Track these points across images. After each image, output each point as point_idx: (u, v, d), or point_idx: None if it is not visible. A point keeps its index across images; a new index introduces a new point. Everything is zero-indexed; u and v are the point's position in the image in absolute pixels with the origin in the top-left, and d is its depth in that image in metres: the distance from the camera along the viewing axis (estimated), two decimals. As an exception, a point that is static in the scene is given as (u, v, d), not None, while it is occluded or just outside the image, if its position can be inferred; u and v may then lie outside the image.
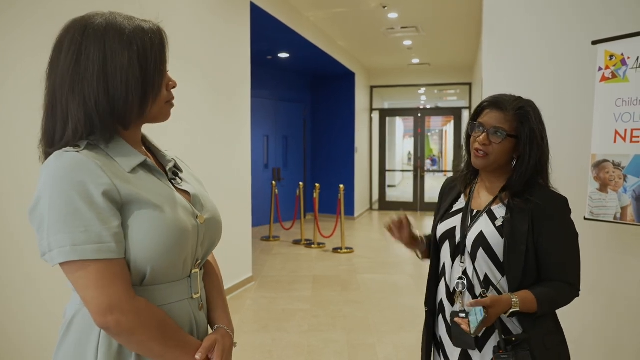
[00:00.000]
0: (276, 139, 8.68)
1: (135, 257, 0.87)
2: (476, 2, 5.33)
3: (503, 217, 1.35)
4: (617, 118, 2.24)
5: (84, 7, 2.72)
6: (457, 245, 1.41)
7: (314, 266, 5.66)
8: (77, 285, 0.85)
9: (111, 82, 0.88)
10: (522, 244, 1.30)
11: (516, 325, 1.32)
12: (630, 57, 2.21)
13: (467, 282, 1.37)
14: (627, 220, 2.19)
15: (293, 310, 4.06)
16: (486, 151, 1.37)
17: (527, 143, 1.36)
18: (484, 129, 1.37)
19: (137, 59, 0.89)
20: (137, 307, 0.85)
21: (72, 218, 0.81)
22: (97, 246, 0.82)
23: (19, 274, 2.30)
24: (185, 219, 0.94)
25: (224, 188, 4.28)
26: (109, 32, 0.90)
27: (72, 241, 0.81)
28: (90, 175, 0.83)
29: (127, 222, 0.87)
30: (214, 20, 4.12)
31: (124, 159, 0.91)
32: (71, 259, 0.82)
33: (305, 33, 6.19)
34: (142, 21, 0.95)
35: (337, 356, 3.17)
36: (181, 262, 0.94)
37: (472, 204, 1.45)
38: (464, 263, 1.39)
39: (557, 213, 1.35)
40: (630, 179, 2.17)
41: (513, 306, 1.26)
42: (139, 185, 0.90)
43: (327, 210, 8.77)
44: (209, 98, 4.09)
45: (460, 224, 1.42)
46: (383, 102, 12.49)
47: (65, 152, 0.85)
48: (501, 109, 1.37)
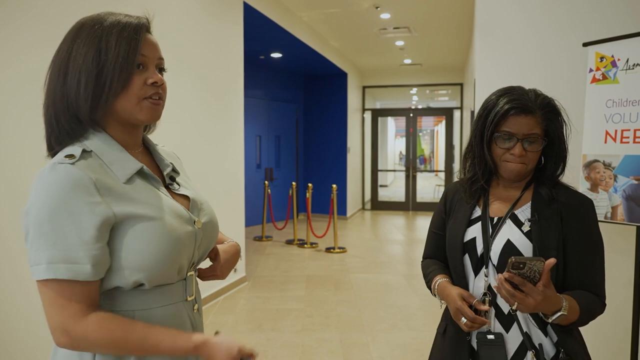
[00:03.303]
0: (269, 139, 8.67)
1: (129, 267, 0.87)
2: (468, 3, 5.37)
3: (529, 219, 1.22)
4: (608, 119, 2.28)
5: (76, 7, 2.71)
6: (480, 257, 1.25)
7: (306, 266, 5.67)
8: (42, 299, 0.85)
9: (69, 78, 0.89)
10: (552, 248, 1.17)
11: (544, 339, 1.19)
12: (620, 58, 2.24)
13: (493, 298, 1.22)
14: (617, 220, 2.22)
15: (287, 310, 4.07)
16: (523, 162, 1.22)
17: (560, 139, 1.24)
18: (517, 139, 1.20)
19: (96, 53, 0.88)
20: (83, 331, 0.84)
21: (54, 236, 0.81)
22: (73, 266, 0.82)
23: (11, 276, 2.29)
24: (179, 228, 0.93)
25: (217, 188, 4.28)
26: (82, 30, 0.91)
27: (49, 259, 0.82)
28: (83, 194, 0.83)
29: (121, 237, 0.87)
30: (207, 20, 4.12)
31: (120, 166, 0.91)
32: (46, 277, 0.82)
33: (298, 33, 6.20)
34: (125, 16, 0.93)
35: (331, 355, 3.18)
36: (176, 268, 0.94)
37: (489, 212, 1.29)
38: (488, 277, 1.23)
39: (588, 216, 1.23)
40: (621, 179, 2.21)
41: (562, 309, 1.10)
42: (134, 198, 0.89)
43: (320, 210, 8.79)
44: (202, 98, 4.08)
45: (481, 234, 1.26)
46: (375, 102, 12.53)
47: (59, 164, 0.84)
48: (530, 112, 1.21)
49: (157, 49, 0.96)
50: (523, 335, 1.19)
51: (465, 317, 1.19)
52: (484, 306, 1.20)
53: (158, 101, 0.94)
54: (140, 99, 0.91)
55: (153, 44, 0.95)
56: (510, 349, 1.20)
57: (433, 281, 1.35)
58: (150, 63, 0.94)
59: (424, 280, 1.44)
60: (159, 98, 0.94)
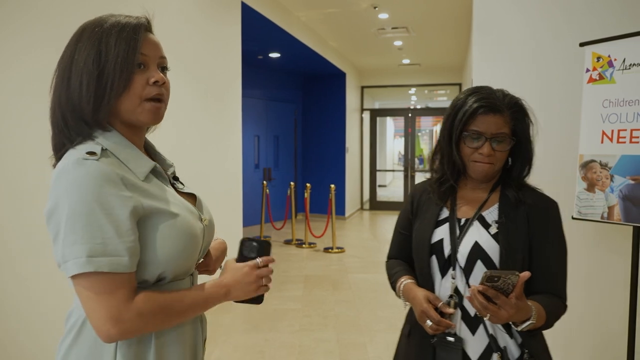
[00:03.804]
0: (267, 139, 8.67)
1: (155, 261, 0.89)
2: (466, 3, 5.37)
3: (497, 221, 1.22)
4: (604, 119, 2.28)
5: (76, 7, 2.71)
6: (447, 259, 1.24)
7: (305, 266, 5.67)
8: (82, 296, 0.84)
9: (72, 81, 0.90)
10: (519, 250, 1.18)
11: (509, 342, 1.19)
12: (617, 58, 2.24)
13: (459, 301, 1.21)
14: (614, 220, 2.22)
15: (284, 310, 4.07)
16: (491, 161, 1.21)
17: (527, 139, 1.24)
18: (485, 139, 1.20)
19: (96, 55, 0.89)
20: (136, 309, 0.85)
21: (91, 229, 0.81)
22: (113, 259, 0.82)
23: (9, 275, 2.29)
24: (194, 223, 0.97)
25: (215, 188, 4.27)
26: (84, 33, 0.92)
27: (88, 252, 0.81)
28: (114, 188, 0.84)
29: (147, 231, 0.89)
30: (205, 21, 4.11)
31: (136, 164, 0.92)
32: (86, 270, 0.81)
33: (297, 33, 6.20)
34: (125, 17, 0.94)
35: (329, 355, 3.18)
36: (192, 263, 0.98)
37: (457, 213, 1.28)
38: (455, 279, 1.22)
39: (554, 219, 1.23)
40: (617, 179, 2.21)
41: (532, 318, 1.09)
42: (155, 195, 0.92)
43: (318, 210, 8.79)
44: (200, 98, 4.07)
45: (448, 236, 1.25)
46: (374, 102, 12.53)
47: (85, 160, 0.84)
48: (498, 111, 1.21)
49: (159, 47, 0.96)
50: (489, 337, 1.19)
51: (431, 320, 1.18)
52: (450, 309, 1.20)
53: (159, 104, 0.94)
54: (142, 100, 0.92)
55: (154, 42, 0.95)
56: (476, 351, 1.20)
57: (398, 282, 1.33)
58: (152, 62, 0.94)
59: (389, 281, 1.41)
60: (160, 100, 0.94)
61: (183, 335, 0.97)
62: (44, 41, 2.45)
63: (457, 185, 1.31)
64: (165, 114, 1.00)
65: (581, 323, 2.67)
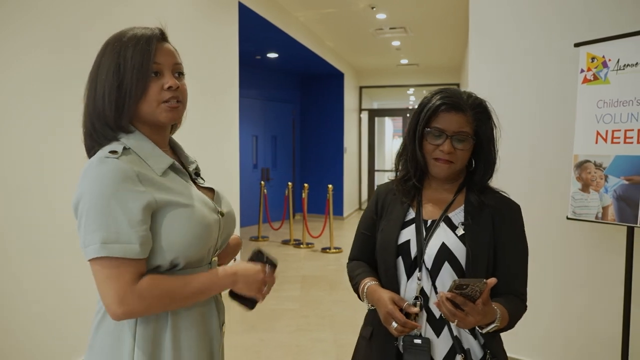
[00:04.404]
0: (265, 139, 8.67)
1: (167, 248, 0.98)
2: (463, 3, 5.38)
3: (463, 223, 1.22)
4: (599, 119, 2.29)
5: (76, 7, 2.70)
6: (414, 260, 1.23)
7: (302, 266, 5.67)
8: (97, 279, 0.95)
9: (97, 91, 1.01)
10: (484, 252, 1.19)
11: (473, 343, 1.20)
12: (611, 59, 2.25)
13: (424, 302, 1.21)
14: (608, 220, 2.23)
15: (282, 310, 4.07)
16: (451, 159, 1.22)
17: (490, 141, 1.24)
18: (446, 136, 1.21)
19: (116, 67, 1.00)
20: (138, 291, 0.94)
21: (107, 220, 0.92)
22: (125, 246, 0.93)
23: (6, 275, 2.29)
24: (208, 215, 1.05)
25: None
26: (108, 45, 1.03)
27: (103, 239, 0.92)
28: (129, 184, 0.95)
29: (161, 221, 0.98)
30: (202, 20, 4.12)
31: (155, 161, 1.03)
32: (101, 255, 0.92)
33: (294, 33, 6.20)
34: (141, 29, 1.04)
35: (325, 356, 3.18)
36: (206, 251, 1.06)
37: (423, 214, 1.28)
38: (420, 280, 1.21)
39: (517, 222, 1.25)
40: (611, 179, 2.22)
41: (497, 321, 1.12)
42: (170, 188, 1.01)
43: (317, 210, 8.79)
44: (197, 98, 4.07)
45: (415, 237, 1.24)
46: (372, 102, 12.54)
47: (107, 158, 0.96)
48: (461, 109, 1.21)
49: (173, 55, 1.06)
50: (453, 339, 1.19)
51: (396, 322, 1.17)
52: (415, 308, 1.20)
53: (177, 104, 1.05)
54: (159, 103, 1.02)
55: (168, 51, 1.05)
56: (440, 352, 1.20)
57: (361, 284, 1.31)
58: (166, 69, 1.04)
59: (350, 283, 1.40)
60: (177, 101, 1.05)
61: (198, 316, 1.06)
62: (44, 41, 2.45)
63: (420, 185, 1.31)
64: None
65: (576, 322, 2.68)
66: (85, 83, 1.06)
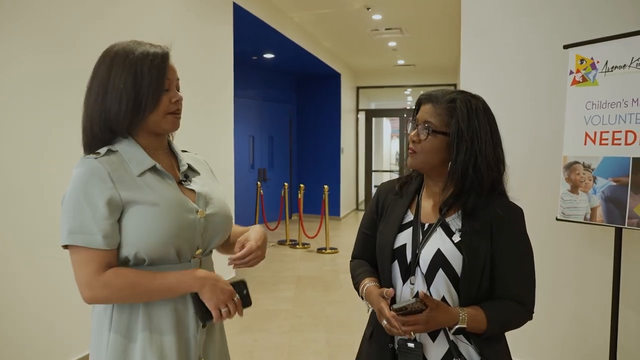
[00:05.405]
0: (262, 140, 8.67)
1: (130, 243, 1.06)
2: (458, 4, 5.38)
3: (460, 229, 1.19)
4: (588, 121, 2.29)
5: (75, 7, 2.70)
6: (409, 265, 1.22)
7: (297, 266, 5.67)
8: (72, 264, 1.06)
9: (109, 98, 1.09)
10: (481, 261, 1.16)
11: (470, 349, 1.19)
12: (599, 61, 2.26)
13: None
14: (596, 221, 2.24)
15: (276, 310, 4.08)
16: (414, 149, 1.23)
17: (453, 141, 1.18)
18: (416, 125, 1.23)
19: (133, 79, 1.08)
20: (103, 281, 1.04)
21: (74, 213, 1.04)
22: (87, 236, 1.03)
23: (2, 274, 2.29)
24: (178, 215, 1.10)
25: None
26: (117, 57, 1.10)
27: (69, 229, 1.04)
28: (98, 181, 1.05)
29: (126, 217, 1.06)
30: (196, 21, 4.12)
31: (136, 162, 1.11)
32: (67, 242, 1.04)
33: (290, 34, 6.20)
34: (151, 46, 1.13)
35: (318, 356, 3.19)
36: (172, 250, 1.09)
37: (421, 217, 1.26)
38: (414, 284, 1.21)
39: (517, 226, 1.21)
40: (600, 181, 2.22)
41: (460, 321, 1.12)
42: (142, 187, 1.09)
43: (314, 210, 8.79)
44: (191, 99, 4.07)
45: (411, 241, 1.23)
46: (369, 102, 12.54)
47: (86, 159, 1.08)
48: (433, 101, 1.22)
49: (176, 71, 1.17)
50: (449, 343, 1.19)
51: (385, 319, 1.17)
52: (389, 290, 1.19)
53: (179, 115, 1.17)
54: (166, 114, 1.14)
55: (173, 68, 1.16)
56: (436, 357, 1.20)
57: (361, 284, 1.32)
58: (172, 84, 1.15)
59: (352, 282, 1.40)
60: (179, 112, 1.17)
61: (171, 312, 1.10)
62: (43, 42, 2.46)
63: (421, 186, 1.32)
64: None
65: (564, 321, 2.69)
66: (85, 83, 1.13)
